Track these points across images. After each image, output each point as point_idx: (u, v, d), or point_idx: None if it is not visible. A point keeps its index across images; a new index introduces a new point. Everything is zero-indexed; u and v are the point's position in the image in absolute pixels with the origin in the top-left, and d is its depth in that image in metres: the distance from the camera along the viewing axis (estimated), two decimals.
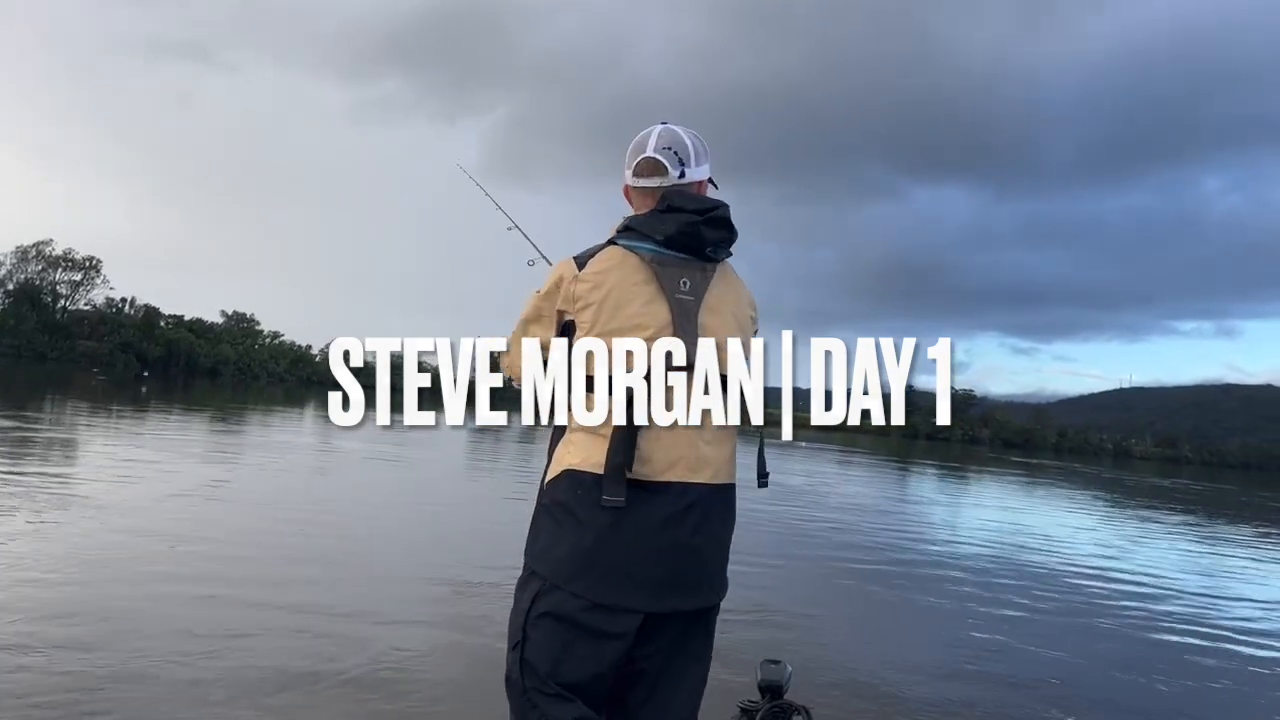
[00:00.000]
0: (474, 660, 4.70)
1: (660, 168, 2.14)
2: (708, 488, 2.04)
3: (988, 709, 5.05)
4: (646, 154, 2.15)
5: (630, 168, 2.18)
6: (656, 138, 2.16)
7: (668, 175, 2.14)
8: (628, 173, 2.20)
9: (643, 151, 2.16)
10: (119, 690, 3.82)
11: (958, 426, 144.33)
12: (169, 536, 7.18)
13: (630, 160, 2.19)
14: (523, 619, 2.01)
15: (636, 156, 2.17)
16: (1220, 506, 30.35)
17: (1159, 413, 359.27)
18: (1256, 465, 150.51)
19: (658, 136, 2.17)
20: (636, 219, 2.13)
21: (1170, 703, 5.67)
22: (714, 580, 2.08)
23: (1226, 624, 8.32)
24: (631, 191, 2.21)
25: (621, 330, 2.01)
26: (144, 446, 14.88)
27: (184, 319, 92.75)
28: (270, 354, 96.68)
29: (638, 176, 2.17)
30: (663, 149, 2.15)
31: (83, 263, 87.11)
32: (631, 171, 2.18)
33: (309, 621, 5.17)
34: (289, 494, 11.18)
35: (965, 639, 6.74)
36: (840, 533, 12.17)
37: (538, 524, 2.09)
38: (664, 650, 2.04)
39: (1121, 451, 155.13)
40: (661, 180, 2.14)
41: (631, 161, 2.18)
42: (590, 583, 1.95)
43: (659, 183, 2.14)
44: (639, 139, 2.19)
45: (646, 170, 2.16)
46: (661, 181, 2.14)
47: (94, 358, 73.71)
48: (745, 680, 2.39)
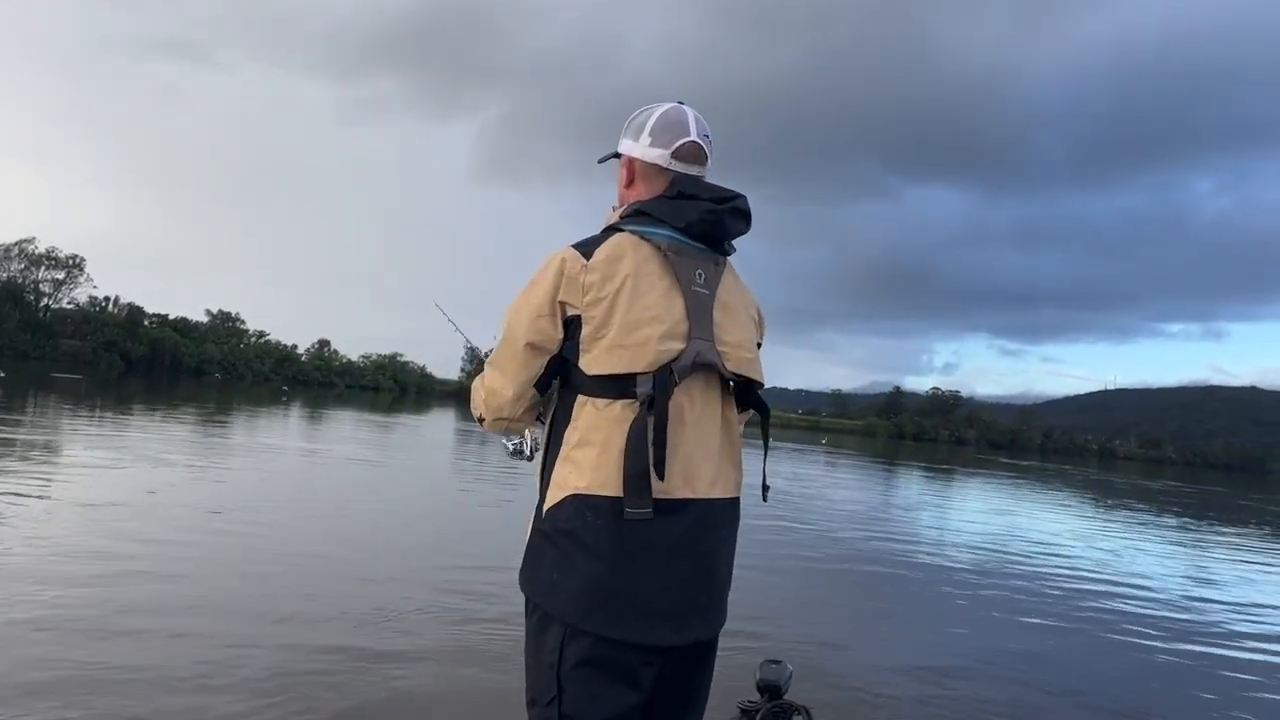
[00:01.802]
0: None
1: (703, 156, 2.00)
2: (721, 503, 1.90)
3: (987, 709, 5.02)
4: (692, 137, 1.97)
5: (667, 146, 1.96)
6: (695, 122, 1.99)
7: (706, 165, 2.01)
8: (655, 149, 1.97)
9: (686, 134, 1.97)
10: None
11: (944, 427, 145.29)
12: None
13: (661, 134, 1.97)
14: (554, 672, 1.80)
15: (678, 137, 1.97)
16: (1221, 510, 30.49)
17: (1143, 414, 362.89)
18: (1239, 466, 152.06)
19: (695, 121, 1.99)
20: (649, 204, 1.93)
21: (1169, 703, 5.64)
22: (724, 604, 1.94)
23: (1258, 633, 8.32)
24: (643, 168, 2.00)
25: (636, 325, 1.81)
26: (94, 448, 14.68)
27: (168, 318, 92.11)
28: (256, 353, 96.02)
29: (678, 159, 1.96)
30: (703, 136, 1.99)
31: (65, 261, 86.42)
32: (671, 152, 1.96)
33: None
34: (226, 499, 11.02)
35: (964, 639, 6.72)
36: (836, 534, 12.16)
37: (538, 555, 1.88)
38: (676, 676, 1.89)
39: (1106, 452, 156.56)
40: (701, 170, 1.99)
41: (667, 137, 1.97)
42: (613, 621, 1.77)
43: (699, 171, 1.99)
44: (673, 116, 1.99)
45: (690, 154, 1.97)
46: (701, 170, 1.99)
47: (76, 357, 73.05)
48: (745, 680, 2.31)
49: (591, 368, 1.82)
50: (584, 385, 1.85)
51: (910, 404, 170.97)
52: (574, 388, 1.89)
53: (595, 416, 1.82)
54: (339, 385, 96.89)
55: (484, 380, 2.02)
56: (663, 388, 1.79)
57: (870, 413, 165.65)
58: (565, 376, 1.93)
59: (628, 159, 2.03)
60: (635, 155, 2.01)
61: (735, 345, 1.94)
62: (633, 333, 1.81)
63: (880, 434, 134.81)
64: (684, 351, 1.83)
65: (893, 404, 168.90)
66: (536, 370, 1.91)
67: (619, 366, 1.80)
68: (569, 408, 1.88)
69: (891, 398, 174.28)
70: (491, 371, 1.99)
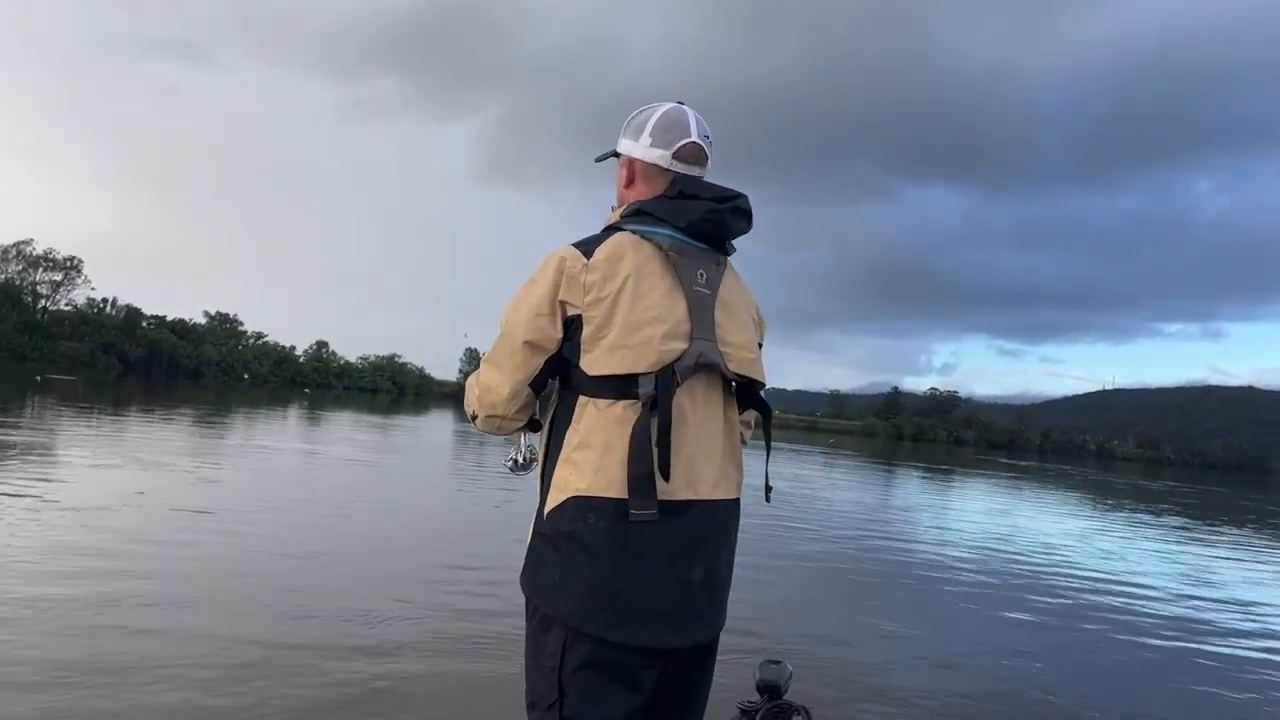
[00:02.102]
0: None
1: (704, 157, 1.99)
2: (724, 505, 1.88)
3: (987, 708, 5.01)
4: (693, 138, 1.96)
5: (668, 147, 1.95)
6: (695, 122, 1.98)
7: (706, 166, 2.00)
8: (656, 150, 1.96)
9: (688, 134, 1.96)
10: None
11: (943, 428, 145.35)
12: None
13: (662, 135, 1.96)
14: (555, 675, 1.78)
15: (680, 137, 1.96)
16: (1220, 510, 30.49)
17: (1141, 414, 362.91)
18: (1237, 466, 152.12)
19: (695, 121, 1.98)
20: (650, 203, 1.92)
21: (1168, 701, 5.63)
22: (724, 605, 1.93)
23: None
24: (643, 168, 1.99)
25: (638, 325, 1.80)
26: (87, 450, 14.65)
27: (166, 319, 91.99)
28: (254, 355, 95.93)
29: (679, 160, 1.95)
30: (703, 137, 1.99)
31: (63, 263, 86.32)
32: (672, 153, 1.95)
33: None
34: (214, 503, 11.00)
35: (964, 639, 6.72)
36: (836, 534, 12.15)
37: (539, 557, 1.86)
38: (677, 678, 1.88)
39: (1105, 452, 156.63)
40: (702, 170, 1.99)
41: (668, 138, 1.96)
42: (615, 624, 1.75)
43: (699, 172, 1.98)
44: (674, 117, 1.98)
45: (691, 155, 1.97)
46: (701, 171, 1.99)
47: (74, 359, 72.93)
48: (745, 680, 2.29)
49: (593, 368, 1.80)
50: (585, 386, 1.83)
51: (909, 404, 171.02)
52: (575, 388, 1.87)
53: (596, 417, 1.81)
54: (337, 387, 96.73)
55: (479, 377, 1.99)
56: (665, 388, 1.78)
57: (868, 413, 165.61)
58: (566, 377, 1.91)
59: (627, 159, 2.02)
60: (635, 155, 1.99)
61: (737, 345, 1.92)
62: (635, 333, 1.79)
63: (879, 434, 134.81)
64: (686, 352, 1.82)
65: (891, 404, 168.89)
66: (533, 369, 1.89)
67: (621, 367, 1.78)
68: (570, 409, 1.86)
69: (890, 398, 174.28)
70: (487, 368, 1.96)
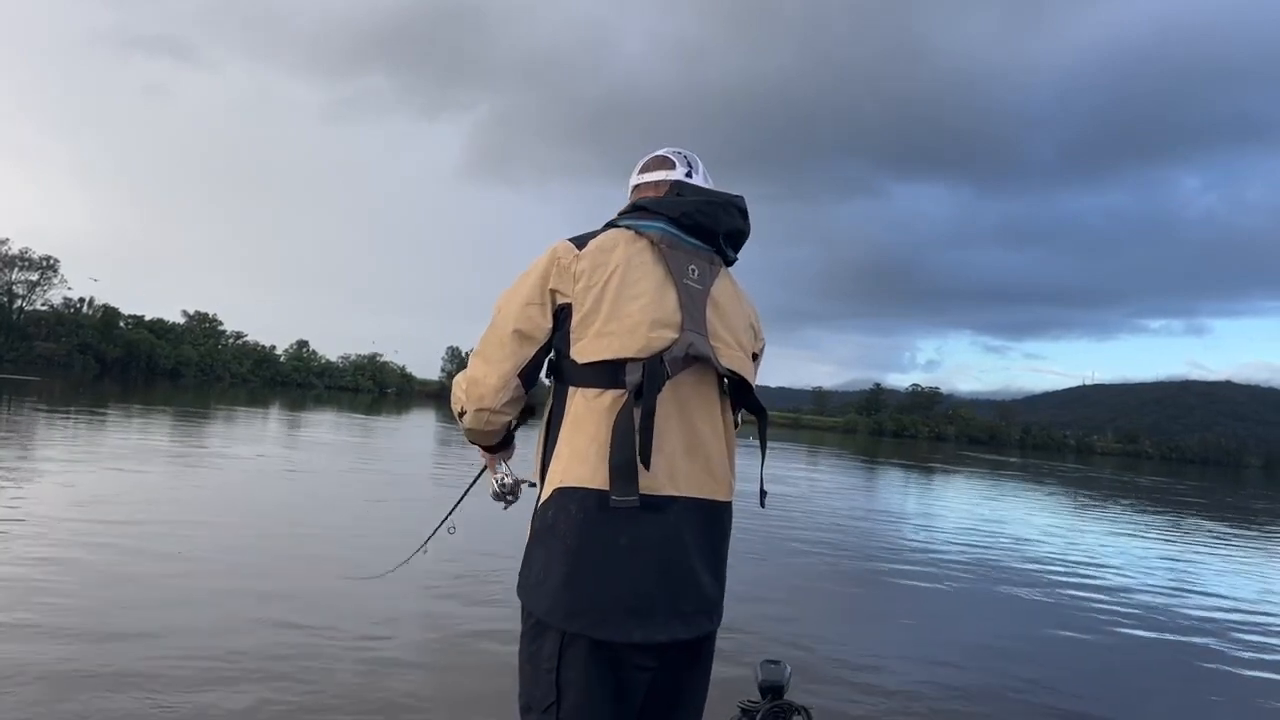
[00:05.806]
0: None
1: (669, 162, 2.10)
2: (709, 504, 1.86)
3: (986, 705, 5.01)
4: (656, 153, 2.14)
5: (637, 169, 2.15)
6: (665, 147, 2.16)
7: (675, 170, 2.08)
8: (634, 177, 2.15)
9: (651, 153, 2.15)
10: None
11: (924, 424, 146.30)
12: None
13: (652, 163, 2.14)
14: (552, 677, 1.78)
15: (669, 162, 2.12)
16: (1201, 508, 30.80)
17: (1120, 409, 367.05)
18: (1214, 460, 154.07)
19: (667, 147, 2.16)
20: (648, 199, 2.02)
21: (1161, 698, 5.66)
22: (712, 607, 1.89)
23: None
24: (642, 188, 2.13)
25: (627, 311, 1.82)
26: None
27: (144, 319, 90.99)
28: (233, 355, 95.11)
29: (644, 172, 2.12)
30: (671, 150, 2.14)
31: (40, 262, 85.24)
32: (638, 171, 2.14)
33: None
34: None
35: (963, 637, 6.73)
36: (833, 534, 12.16)
37: (530, 556, 1.88)
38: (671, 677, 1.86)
39: (1084, 447, 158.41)
40: (669, 173, 2.08)
41: (639, 166, 2.16)
42: (594, 623, 1.74)
43: (665, 175, 2.08)
44: (661, 153, 2.16)
45: (655, 165, 2.12)
46: (668, 174, 2.08)
47: (51, 360, 72.06)
48: (745, 680, 2.27)
49: (582, 355, 1.82)
50: (575, 376, 1.85)
51: (891, 401, 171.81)
52: (566, 381, 1.87)
53: (584, 407, 1.81)
54: (318, 386, 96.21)
55: (466, 372, 2.00)
56: (652, 375, 1.77)
57: (850, 410, 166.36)
58: (559, 372, 1.91)
59: (631, 190, 2.16)
60: (634, 183, 2.15)
61: (729, 342, 1.93)
62: (623, 319, 1.81)
63: (860, 431, 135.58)
64: (676, 342, 1.82)
65: (873, 401, 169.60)
66: (522, 359, 1.89)
67: (609, 352, 1.80)
68: (562, 402, 1.88)
69: (872, 395, 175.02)
70: (475, 361, 1.98)
